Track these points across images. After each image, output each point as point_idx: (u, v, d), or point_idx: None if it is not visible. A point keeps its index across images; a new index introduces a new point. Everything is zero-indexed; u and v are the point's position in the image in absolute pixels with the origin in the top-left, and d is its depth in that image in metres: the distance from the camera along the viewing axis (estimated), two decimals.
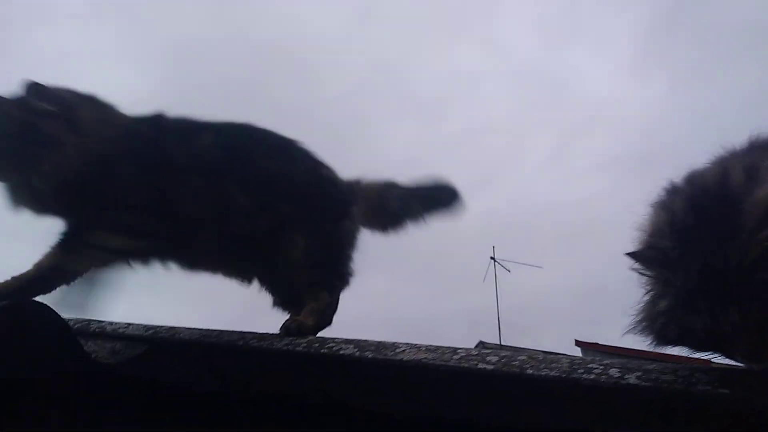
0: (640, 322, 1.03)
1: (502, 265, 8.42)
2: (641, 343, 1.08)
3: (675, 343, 1.01)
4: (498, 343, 7.97)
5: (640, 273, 1.04)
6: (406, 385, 1.20)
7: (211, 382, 1.37)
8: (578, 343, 6.58)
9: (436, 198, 1.90)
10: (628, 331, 1.04)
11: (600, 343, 6.29)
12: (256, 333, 1.40)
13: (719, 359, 1.06)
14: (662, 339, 1.01)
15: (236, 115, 1.69)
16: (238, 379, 1.36)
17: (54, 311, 1.30)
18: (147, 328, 1.49)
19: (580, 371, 1.06)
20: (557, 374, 1.06)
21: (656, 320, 0.99)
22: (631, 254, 1.03)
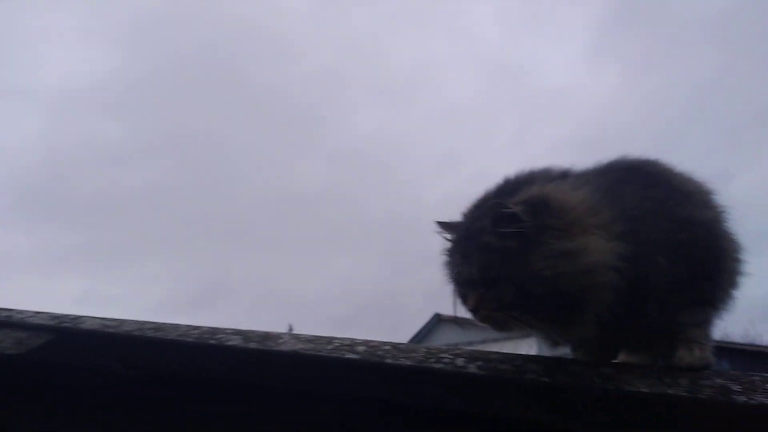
0: (443, 270, 1.28)
1: None
2: None
3: (453, 284, 1.26)
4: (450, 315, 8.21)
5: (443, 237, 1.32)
6: (284, 372, 1.31)
7: (113, 369, 1.46)
8: None
9: None
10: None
11: None
12: (155, 323, 1.49)
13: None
14: (449, 281, 1.26)
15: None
16: (137, 366, 1.45)
17: None
18: (52, 317, 1.55)
19: (431, 360, 1.20)
20: (411, 363, 1.20)
21: (446, 268, 1.27)
22: (438, 222, 1.33)
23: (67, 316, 1.58)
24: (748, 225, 1.23)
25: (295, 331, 1.53)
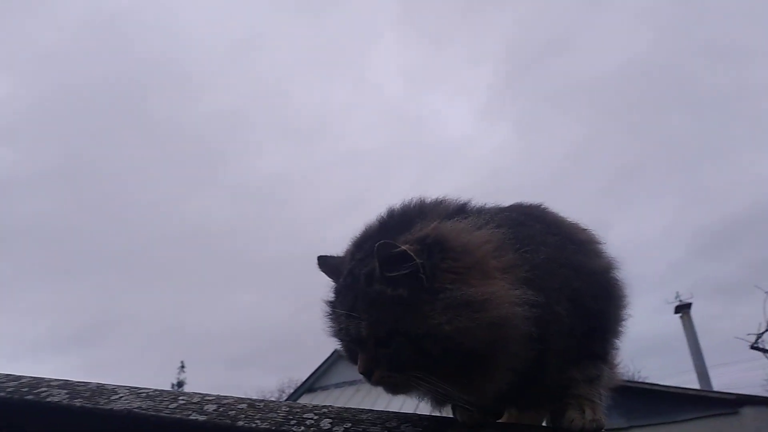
0: (326, 323, 1.08)
1: None
2: None
3: (338, 341, 1.06)
4: None
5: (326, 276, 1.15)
6: None
7: None
8: None
9: None
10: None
11: None
12: None
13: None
14: (333, 337, 1.07)
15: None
16: None
17: None
18: None
19: (292, 422, 1.00)
20: (268, 426, 0.99)
21: (329, 322, 1.07)
22: (319, 257, 1.16)
23: None
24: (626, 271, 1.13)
25: (186, 369, 1.28)
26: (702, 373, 11.26)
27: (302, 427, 0.98)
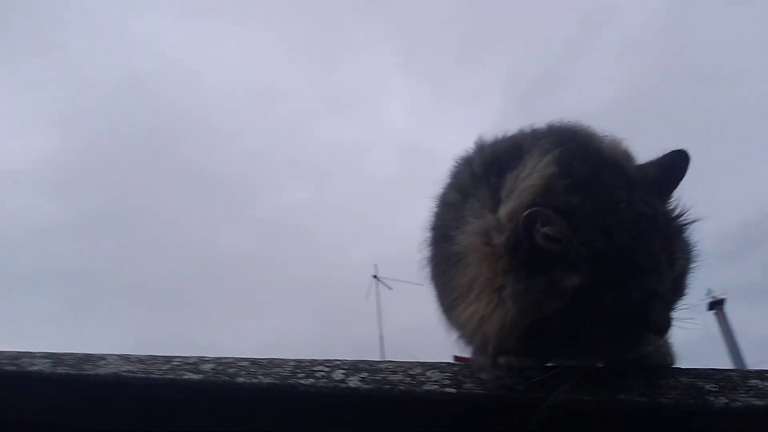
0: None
1: (384, 284, 8.34)
2: None
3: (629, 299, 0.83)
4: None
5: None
6: (102, 402, 0.95)
7: None
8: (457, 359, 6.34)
9: None
10: None
11: None
12: None
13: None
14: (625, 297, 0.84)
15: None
16: None
17: None
18: None
19: (300, 375, 0.86)
20: (271, 380, 0.86)
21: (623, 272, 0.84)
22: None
23: None
24: None
25: None
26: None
27: (311, 380, 0.84)
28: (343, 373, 0.85)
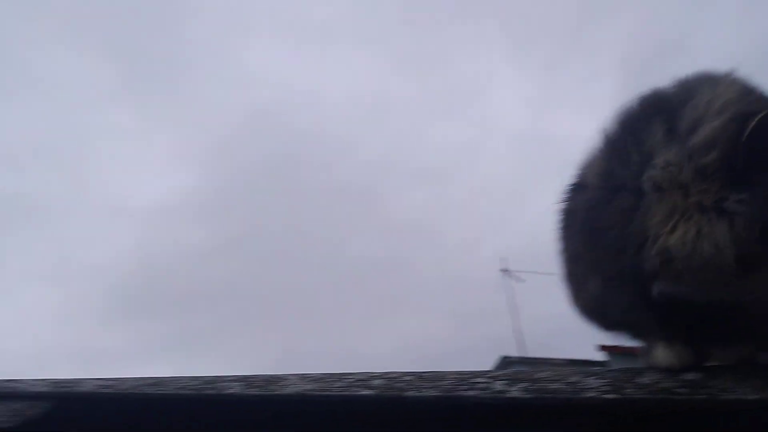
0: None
1: (515, 277, 8.17)
2: None
3: None
4: (518, 356, 7.78)
5: None
6: (290, 418, 1.09)
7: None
8: (603, 348, 6.04)
9: None
10: None
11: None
12: (155, 377, 1.31)
13: None
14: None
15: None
16: (137, 426, 1.27)
17: None
18: (51, 383, 1.41)
19: (463, 387, 0.95)
20: (437, 393, 0.95)
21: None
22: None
23: (66, 380, 1.43)
24: None
25: None
26: None
27: (474, 391, 0.93)
28: (503, 384, 0.93)
